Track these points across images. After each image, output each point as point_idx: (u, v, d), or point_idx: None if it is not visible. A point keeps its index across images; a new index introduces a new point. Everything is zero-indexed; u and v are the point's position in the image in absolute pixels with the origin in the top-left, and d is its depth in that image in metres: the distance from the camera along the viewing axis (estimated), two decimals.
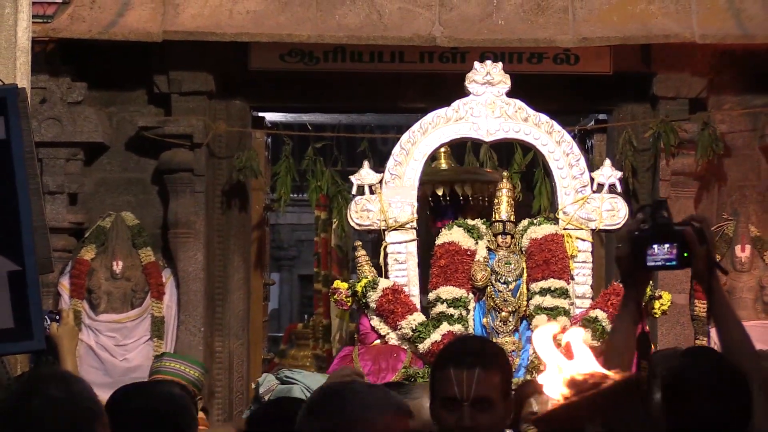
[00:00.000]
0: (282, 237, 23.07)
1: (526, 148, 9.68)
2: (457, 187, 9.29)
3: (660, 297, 7.77)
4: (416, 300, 7.78)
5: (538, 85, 9.70)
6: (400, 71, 10.27)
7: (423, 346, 7.46)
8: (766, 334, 9.87)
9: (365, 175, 7.99)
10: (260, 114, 10.86)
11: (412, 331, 7.52)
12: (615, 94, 10.31)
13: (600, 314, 7.49)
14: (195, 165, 10.08)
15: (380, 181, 7.96)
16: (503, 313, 7.63)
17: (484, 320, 7.70)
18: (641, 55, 10.14)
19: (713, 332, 9.86)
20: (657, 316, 8.04)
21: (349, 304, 7.85)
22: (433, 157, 9.06)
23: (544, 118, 8.06)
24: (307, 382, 5.24)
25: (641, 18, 9.81)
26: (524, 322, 7.69)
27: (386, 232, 7.84)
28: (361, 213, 7.90)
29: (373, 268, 7.80)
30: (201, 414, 5.91)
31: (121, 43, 9.81)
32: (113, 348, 9.88)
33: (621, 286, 7.44)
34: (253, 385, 5.54)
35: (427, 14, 9.84)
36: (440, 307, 7.58)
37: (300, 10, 9.83)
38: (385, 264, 7.85)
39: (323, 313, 13.42)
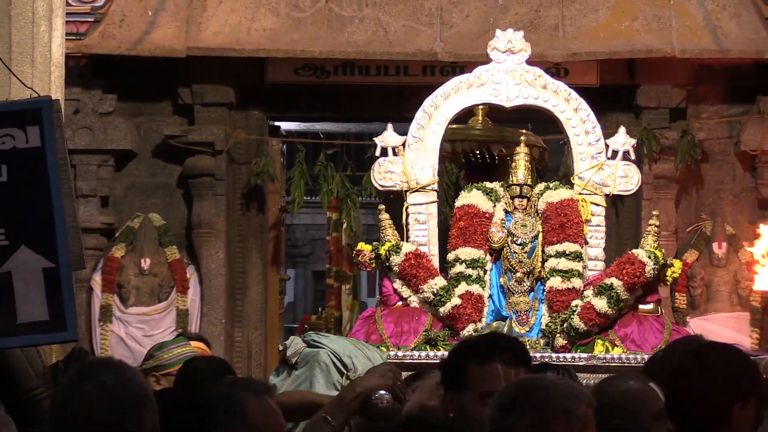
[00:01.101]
0: (297, 236, 23.12)
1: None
2: (492, 146, 8.88)
3: (672, 265, 7.33)
4: (435, 260, 7.47)
5: None
6: (404, 84, 10.26)
7: (444, 310, 7.16)
8: (741, 324, 9.88)
9: (389, 137, 7.59)
10: (276, 123, 10.87)
11: (434, 295, 7.22)
12: (602, 104, 10.23)
13: (615, 282, 7.19)
14: (216, 170, 10.09)
15: (403, 144, 7.56)
16: (518, 274, 7.35)
17: (501, 280, 7.42)
18: (626, 69, 10.14)
19: (692, 323, 9.89)
20: (669, 283, 7.68)
21: (372, 266, 7.51)
22: (471, 112, 8.49)
23: (562, 86, 7.69)
24: (333, 346, 4.89)
25: (626, 35, 9.81)
26: (539, 283, 7.46)
27: (408, 194, 7.48)
28: (384, 174, 7.51)
29: (396, 232, 7.41)
30: None
31: (148, 58, 9.83)
32: (142, 338, 9.90)
33: (636, 255, 7.25)
34: (280, 347, 5.16)
35: (429, 31, 9.84)
36: (459, 268, 7.30)
37: (312, 28, 9.84)
38: (407, 224, 7.49)
39: (335, 306, 13.43)
